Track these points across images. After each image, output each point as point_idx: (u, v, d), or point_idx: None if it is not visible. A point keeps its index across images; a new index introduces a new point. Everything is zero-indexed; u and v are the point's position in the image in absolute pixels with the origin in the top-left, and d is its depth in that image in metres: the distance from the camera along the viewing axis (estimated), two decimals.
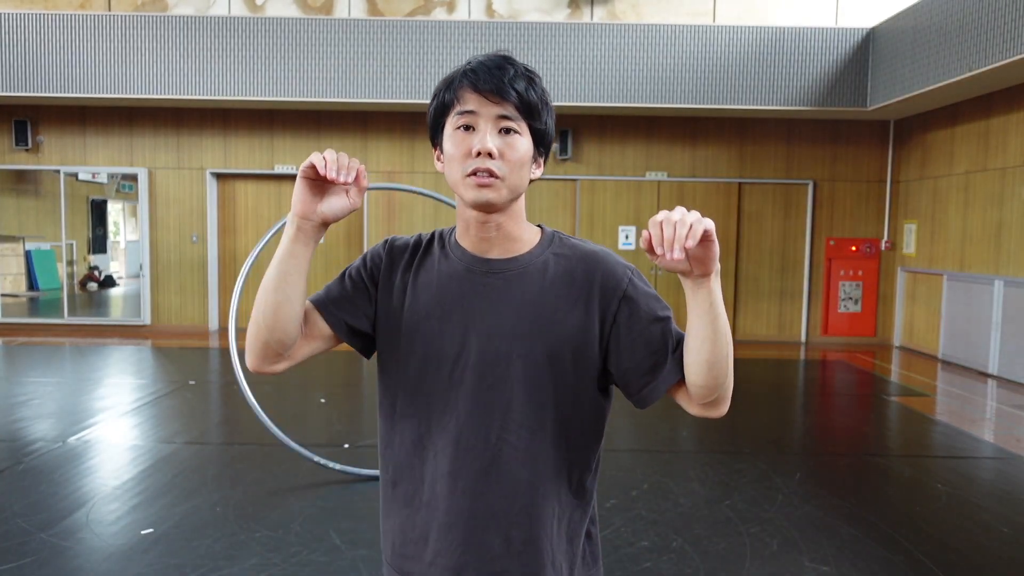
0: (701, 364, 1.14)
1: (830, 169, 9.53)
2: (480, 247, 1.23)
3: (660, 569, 3.06)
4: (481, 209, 1.18)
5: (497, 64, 1.16)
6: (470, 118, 1.16)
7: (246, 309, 8.73)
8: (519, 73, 1.17)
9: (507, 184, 1.16)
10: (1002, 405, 6.38)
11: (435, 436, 1.22)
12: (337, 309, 1.26)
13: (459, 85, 1.17)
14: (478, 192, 1.15)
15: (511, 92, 1.15)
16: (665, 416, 5.79)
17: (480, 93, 1.15)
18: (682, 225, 1.06)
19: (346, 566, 3.04)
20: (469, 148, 1.15)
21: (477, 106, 1.15)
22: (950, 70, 7.06)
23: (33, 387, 6.30)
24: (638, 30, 8.48)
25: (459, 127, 1.17)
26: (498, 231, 1.22)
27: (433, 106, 1.21)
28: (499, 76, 1.15)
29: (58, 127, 9.42)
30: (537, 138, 1.20)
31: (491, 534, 1.19)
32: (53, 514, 3.50)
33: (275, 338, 1.20)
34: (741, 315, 9.72)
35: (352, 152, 9.47)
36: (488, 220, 1.20)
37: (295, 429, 5.16)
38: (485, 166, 1.14)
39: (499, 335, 1.19)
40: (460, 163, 1.16)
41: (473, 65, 1.17)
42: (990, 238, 7.73)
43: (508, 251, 1.23)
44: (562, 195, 9.52)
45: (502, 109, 1.15)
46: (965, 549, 3.34)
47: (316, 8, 9.18)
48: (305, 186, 1.16)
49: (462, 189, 1.17)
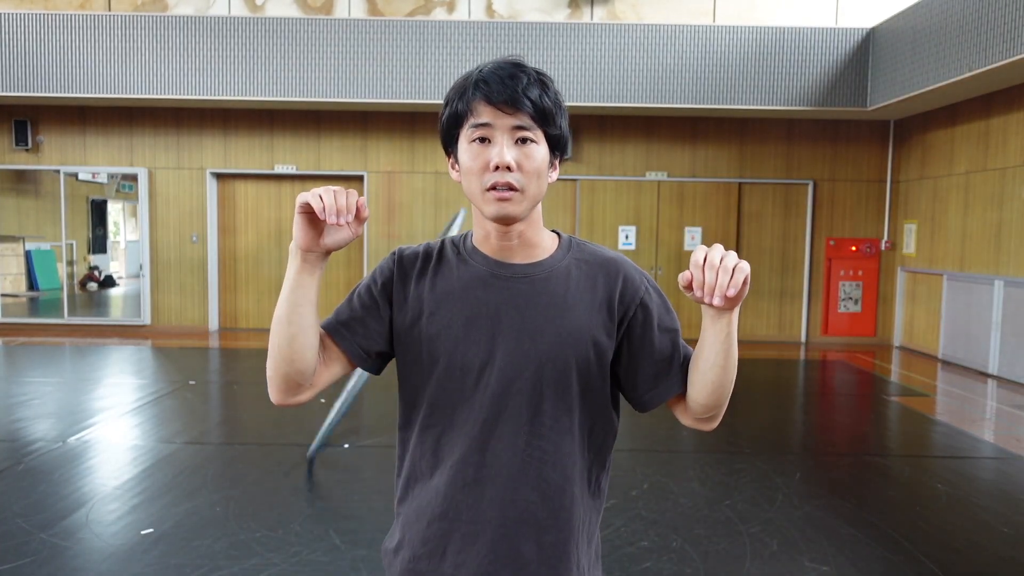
0: (707, 385, 1.17)
1: (830, 169, 9.54)
2: (502, 254, 1.23)
3: (660, 569, 3.06)
4: (502, 223, 1.18)
5: (509, 73, 1.15)
6: (485, 130, 1.15)
7: (240, 307, 8.56)
8: (532, 80, 1.16)
9: (527, 196, 1.17)
10: (1002, 405, 6.38)
11: (458, 445, 1.20)
12: (349, 333, 1.25)
13: (472, 97, 1.15)
14: (499, 207, 1.15)
15: (526, 102, 1.14)
16: (665, 416, 5.78)
17: (494, 105, 1.13)
18: (724, 272, 1.04)
19: (346, 566, 3.04)
20: (487, 162, 1.15)
21: (492, 118, 1.14)
22: (950, 70, 7.06)
23: (33, 387, 6.30)
24: (638, 30, 8.48)
25: (475, 139, 1.16)
26: (519, 239, 1.22)
27: (446, 115, 1.20)
28: (512, 86, 1.13)
29: (58, 127, 9.42)
30: (553, 143, 1.20)
31: (523, 541, 1.18)
32: (53, 514, 3.50)
33: (295, 369, 1.19)
34: (741, 315, 9.70)
35: (352, 152, 9.47)
36: (510, 231, 1.20)
37: (295, 429, 5.16)
38: (504, 180, 1.14)
39: (528, 339, 1.19)
40: (478, 177, 1.16)
41: (485, 75, 1.15)
42: (990, 238, 7.73)
43: (530, 256, 1.23)
44: (562, 195, 9.52)
45: (517, 119, 1.14)
46: (965, 549, 3.34)
47: (316, 8, 9.18)
48: (304, 221, 1.14)
49: (482, 203, 1.17)
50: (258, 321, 9.84)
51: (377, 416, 5.58)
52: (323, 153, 9.49)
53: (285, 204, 9.74)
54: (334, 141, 9.43)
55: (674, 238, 9.60)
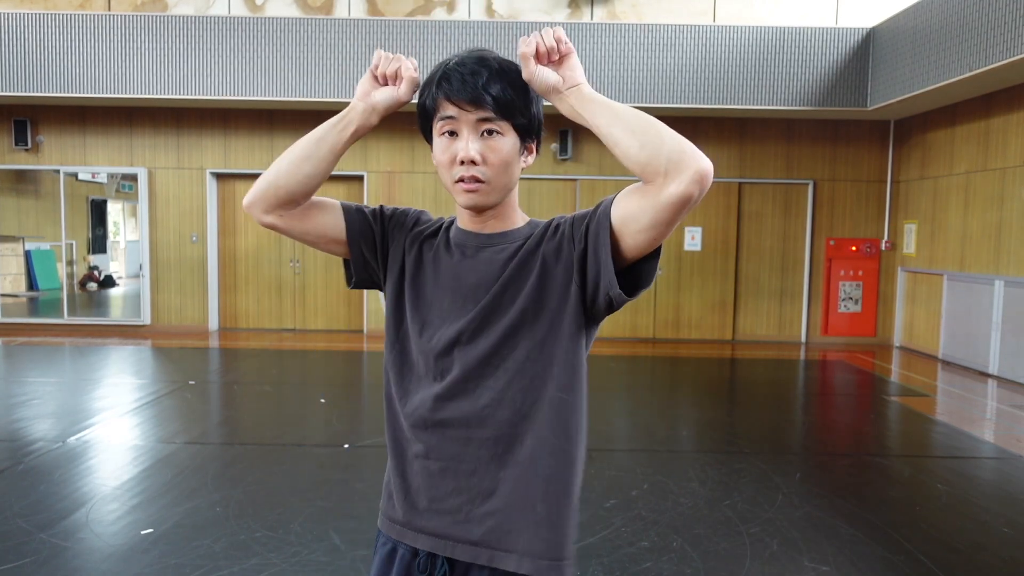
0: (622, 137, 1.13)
1: (830, 169, 9.54)
2: (478, 227, 1.31)
3: (660, 569, 3.06)
4: (474, 211, 1.27)
5: (471, 69, 1.18)
6: (452, 123, 1.21)
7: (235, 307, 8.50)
8: (493, 73, 1.18)
9: (494, 186, 1.22)
10: (1002, 405, 6.38)
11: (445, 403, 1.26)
12: (359, 218, 1.35)
13: (436, 93, 1.21)
14: (467, 198, 1.23)
15: (487, 98, 1.17)
16: (665, 416, 5.79)
17: (454, 102, 1.19)
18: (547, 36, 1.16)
19: (346, 566, 3.04)
20: (454, 155, 1.21)
21: (456, 112, 1.19)
22: (950, 70, 7.06)
23: (33, 387, 6.30)
24: (638, 30, 8.48)
25: (443, 132, 1.22)
26: (494, 219, 1.29)
27: (418, 109, 1.27)
28: (472, 83, 1.17)
29: (58, 127, 9.42)
30: (522, 131, 1.23)
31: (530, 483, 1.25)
32: (53, 514, 3.50)
33: (283, 185, 1.29)
34: (741, 315, 9.72)
35: (352, 152, 9.47)
36: (483, 216, 1.28)
37: (295, 429, 5.17)
38: (470, 173, 1.20)
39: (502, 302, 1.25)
40: (448, 169, 1.23)
41: (448, 71, 1.20)
42: (990, 238, 7.73)
43: (501, 228, 1.30)
44: (562, 195, 9.52)
45: (481, 113, 1.18)
46: (965, 549, 3.34)
47: (316, 8, 9.18)
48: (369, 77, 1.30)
49: (454, 193, 1.25)
50: (258, 321, 9.84)
51: (377, 416, 5.58)
52: None
53: None
54: None
55: (674, 238, 9.60)
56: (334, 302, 9.82)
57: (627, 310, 9.62)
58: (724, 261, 9.62)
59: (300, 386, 6.96)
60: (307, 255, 9.79)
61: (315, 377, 7.44)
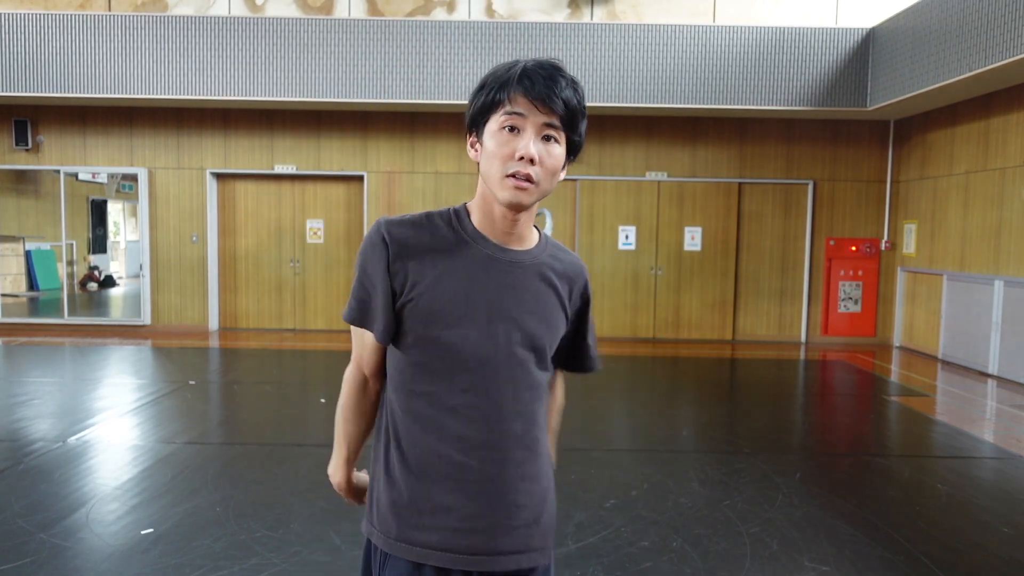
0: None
1: (830, 169, 9.54)
2: (503, 239, 1.33)
3: (660, 569, 3.06)
4: (513, 209, 1.28)
5: (550, 74, 1.24)
6: (518, 120, 1.24)
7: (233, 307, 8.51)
8: (568, 83, 1.25)
9: (540, 189, 1.27)
10: (1002, 405, 6.38)
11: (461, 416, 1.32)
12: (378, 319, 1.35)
13: (513, 88, 1.24)
14: (514, 193, 1.25)
15: (559, 103, 1.23)
16: (665, 416, 5.79)
17: (532, 100, 1.23)
18: None
19: (346, 566, 3.04)
20: (512, 151, 1.24)
21: (526, 111, 1.23)
22: (950, 70, 7.07)
23: (33, 387, 6.30)
24: (638, 30, 8.48)
25: (505, 127, 1.24)
26: (518, 226, 1.33)
27: (481, 100, 1.28)
28: (551, 86, 1.23)
29: (58, 127, 9.42)
30: (571, 147, 1.30)
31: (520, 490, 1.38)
32: (53, 514, 3.50)
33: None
34: (741, 315, 9.72)
35: (352, 152, 9.49)
36: (517, 218, 1.31)
37: (295, 429, 5.17)
38: (525, 171, 1.23)
39: (525, 319, 1.33)
40: (501, 162, 1.24)
41: (529, 71, 1.24)
42: (990, 238, 7.73)
43: (523, 244, 1.36)
44: (562, 195, 9.52)
45: (548, 118, 1.24)
46: (965, 549, 3.34)
47: (316, 8, 9.18)
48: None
49: (497, 187, 1.26)
50: (258, 321, 9.85)
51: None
52: (323, 153, 9.50)
53: (285, 204, 9.74)
54: (334, 141, 9.43)
55: (674, 238, 9.60)
56: (334, 302, 9.82)
57: (627, 310, 9.63)
58: (724, 261, 9.62)
59: (300, 386, 6.96)
60: (307, 255, 9.79)
61: (315, 377, 7.44)
